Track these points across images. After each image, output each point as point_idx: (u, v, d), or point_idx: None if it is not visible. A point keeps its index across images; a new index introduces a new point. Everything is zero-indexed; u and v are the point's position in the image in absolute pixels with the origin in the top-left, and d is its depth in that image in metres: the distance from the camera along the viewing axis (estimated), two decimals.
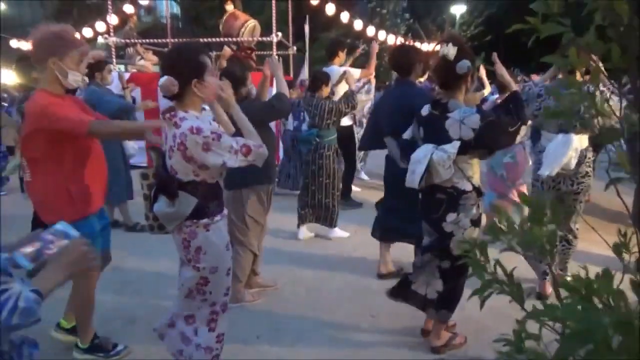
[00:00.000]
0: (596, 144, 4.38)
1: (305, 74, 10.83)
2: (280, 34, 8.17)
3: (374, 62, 6.35)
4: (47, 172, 2.55)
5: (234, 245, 3.32)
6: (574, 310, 1.05)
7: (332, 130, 4.89)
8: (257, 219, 3.59)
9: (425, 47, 19.46)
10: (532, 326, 1.16)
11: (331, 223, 5.06)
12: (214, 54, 8.78)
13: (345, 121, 6.00)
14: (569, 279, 1.16)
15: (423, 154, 2.73)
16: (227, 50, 7.50)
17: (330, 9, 11.98)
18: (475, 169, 2.82)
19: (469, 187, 2.74)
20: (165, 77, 2.07)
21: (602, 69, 1.08)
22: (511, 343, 1.28)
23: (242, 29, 7.93)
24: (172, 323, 2.44)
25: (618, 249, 1.22)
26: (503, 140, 2.70)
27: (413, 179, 2.75)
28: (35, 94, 2.58)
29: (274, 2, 7.99)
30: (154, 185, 2.27)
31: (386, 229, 4.07)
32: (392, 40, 16.62)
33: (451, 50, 2.62)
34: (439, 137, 2.70)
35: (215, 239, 2.23)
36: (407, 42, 12.88)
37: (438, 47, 2.69)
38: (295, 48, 10.10)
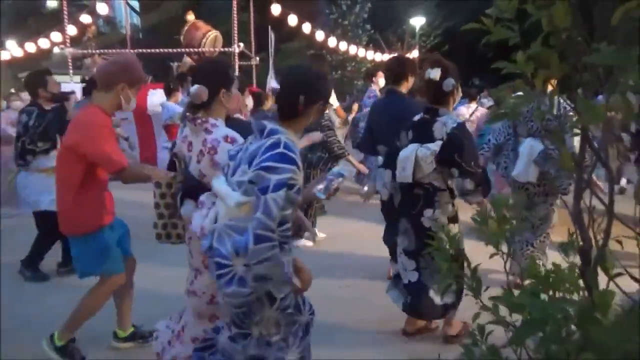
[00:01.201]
0: None
1: (274, 82, 10.87)
2: (242, 44, 8.18)
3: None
4: (71, 186, 2.79)
5: None
6: (529, 298, 1.10)
7: (321, 146, 5.03)
8: None
9: (387, 57, 19.94)
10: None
11: (299, 231, 5.10)
12: (175, 64, 8.70)
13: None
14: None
15: (409, 151, 3.04)
16: (187, 61, 7.45)
17: (292, 20, 12.09)
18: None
19: (443, 186, 3.04)
20: (197, 86, 2.22)
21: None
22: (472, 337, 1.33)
23: (204, 40, 7.90)
24: (179, 331, 2.45)
25: (564, 247, 1.28)
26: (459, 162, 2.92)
27: (405, 175, 3.02)
28: (92, 112, 2.80)
29: (235, 13, 8.00)
30: (178, 191, 2.32)
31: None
32: (354, 50, 16.91)
33: (436, 73, 3.02)
34: (426, 137, 3.04)
35: None
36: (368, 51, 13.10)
37: (429, 71, 3.06)
38: (258, 59, 10.10)
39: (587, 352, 1.04)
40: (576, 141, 3.46)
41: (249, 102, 3.40)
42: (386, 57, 19.75)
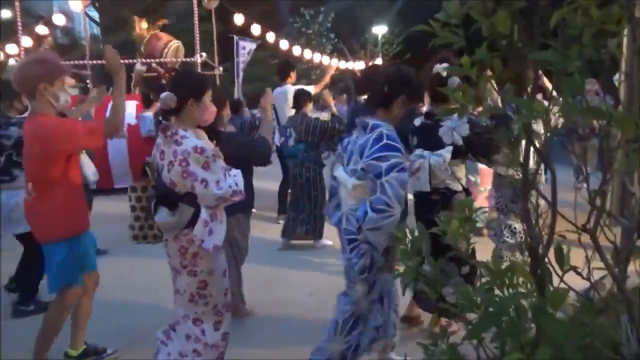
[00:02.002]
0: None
1: (238, 92, 10.84)
2: (204, 54, 8.12)
3: (326, 79, 6.74)
4: (52, 191, 2.72)
5: None
6: (484, 294, 1.13)
7: (316, 145, 5.21)
8: (242, 243, 3.71)
9: (351, 65, 20.15)
10: None
11: (320, 234, 5.29)
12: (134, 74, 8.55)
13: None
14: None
15: (420, 161, 3.12)
16: (139, 69, 7.34)
17: (255, 30, 12.09)
18: (463, 171, 3.20)
19: (459, 188, 3.11)
20: (167, 93, 2.30)
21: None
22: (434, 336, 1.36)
23: (165, 50, 7.81)
24: (173, 327, 2.56)
25: (511, 246, 1.33)
26: (486, 149, 3.04)
27: (422, 184, 3.12)
28: (37, 120, 2.70)
29: (197, 22, 7.95)
30: (152, 198, 2.41)
31: None
32: (318, 59, 17.02)
33: (445, 69, 3.02)
34: (433, 143, 3.09)
35: None
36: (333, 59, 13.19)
37: (437, 66, 3.14)
38: (221, 69, 10.04)
39: (542, 346, 1.08)
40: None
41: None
42: (350, 65, 20.04)
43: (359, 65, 20.79)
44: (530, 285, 1.18)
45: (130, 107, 6.83)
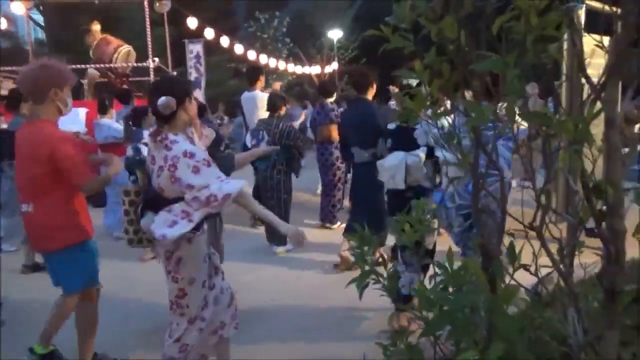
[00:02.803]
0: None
1: (201, 96, 10.65)
2: (157, 59, 7.94)
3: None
4: (52, 199, 2.67)
5: None
6: (439, 292, 1.16)
7: (288, 148, 5.19)
8: (216, 247, 3.75)
9: (307, 69, 20.25)
10: None
11: (283, 240, 5.18)
12: (86, 81, 8.27)
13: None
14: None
15: (398, 160, 3.30)
16: (93, 74, 7.11)
17: (209, 34, 11.94)
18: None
19: (429, 185, 3.34)
20: (166, 97, 2.24)
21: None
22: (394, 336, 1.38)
23: (115, 55, 7.58)
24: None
25: (467, 244, 1.37)
26: None
27: (397, 182, 3.31)
28: (42, 124, 2.67)
29: (148, 26, 7.76)
30: (140, 202, 2.40)
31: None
32: (274, 63, 17.00)
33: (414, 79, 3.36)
34: (408, 144, 3.28)
35: (195, 251, 2.37)
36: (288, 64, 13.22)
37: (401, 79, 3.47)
38: (175, 73, 9.85)
39: (494, 342, 1.11)
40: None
41: (209, 132, 3.35)
42: (307, 69, 20.13)
43: (315, 70, 20.93)
44: (483, 282, 1.21)
45: (80, 115, 6.59)
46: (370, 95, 4.46)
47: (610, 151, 1.14)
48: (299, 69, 19.32)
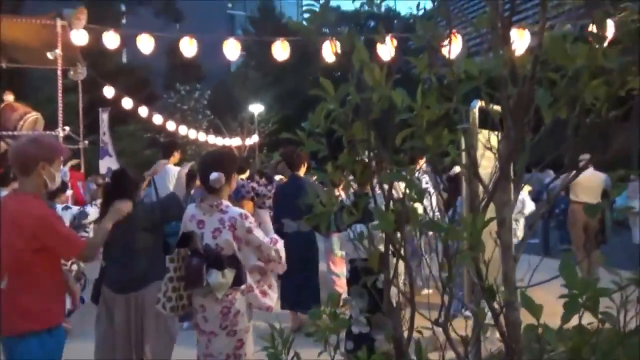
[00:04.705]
0: None
1: (111, 162, 10.22)
2: (67, 128, 7.61)
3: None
4: (30, 279, 2.53)
5: None
6: None
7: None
8: None
9: (227, 141, 20.37)
10: None
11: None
12: None
13: None
14: None
15: (359, 230, 3.47)
16: (1, 145, 6.65)
17: (127, 103, 11.76)
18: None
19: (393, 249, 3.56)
20: (218, 173, 2.64)
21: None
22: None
23: (21, 122, 7.16)
24: None
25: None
26: None
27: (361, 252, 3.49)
28: (25, 198, 2.57)
29: (60, 94, 7.49)
30: (198, 264, 2.59)
31: (294, 300, 4.69)
32: (194, 134, 16.95)
33: None
34: (366, 216, 3.48)
35: (246, 302, 2.65)
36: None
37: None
38: (87, 142, 9.47)
39: None
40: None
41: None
42: (227, 141, 20.24)
43: (235, 142, 21.11)
44: None
45: None
46: (302, 172, 4.97)
47: (502, 249, 1.25)
48: (219, 141, 19.39)
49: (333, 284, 5.19)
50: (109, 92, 10.76)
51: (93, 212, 5.15)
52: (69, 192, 5.93)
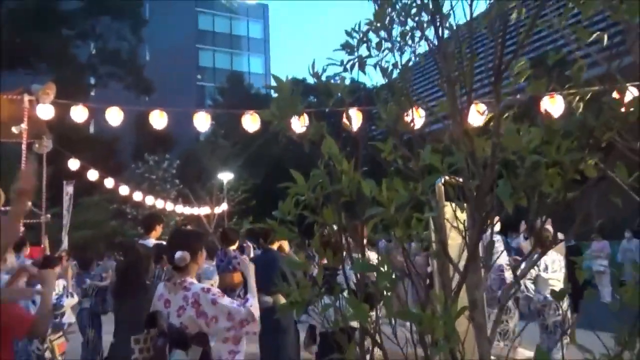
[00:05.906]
0: None
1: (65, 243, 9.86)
2: (29, 202, 7.39)
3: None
4: None
5: None
6: None
7: None
8: None
9: (196, 210, 20.10)
10: None
11: None
12: None
13: None
14: None
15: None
16: None
17: (92, 175, 11.59)
18: None
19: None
20: (183, 252, 2.65)
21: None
22: None
23: None
24: None
25: None
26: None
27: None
28: None
29: (23, 166, 7.33)
30: (162, 344, 2.53)
31: None
32: (162, 204, 16.69)
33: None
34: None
35: None
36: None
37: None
38: (49, 216, 9.18)
39: None
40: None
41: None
42: (196, 210, 19.98)
43: (204, 211, 20.85)
44: None
45: None
46: (275, 246, 5.17)
47: (476, 330, 1.25)
48: (187, 210, 19.14)
49: None
50: (74, 164, 10.62)
51: (68, 302, 5.27)
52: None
